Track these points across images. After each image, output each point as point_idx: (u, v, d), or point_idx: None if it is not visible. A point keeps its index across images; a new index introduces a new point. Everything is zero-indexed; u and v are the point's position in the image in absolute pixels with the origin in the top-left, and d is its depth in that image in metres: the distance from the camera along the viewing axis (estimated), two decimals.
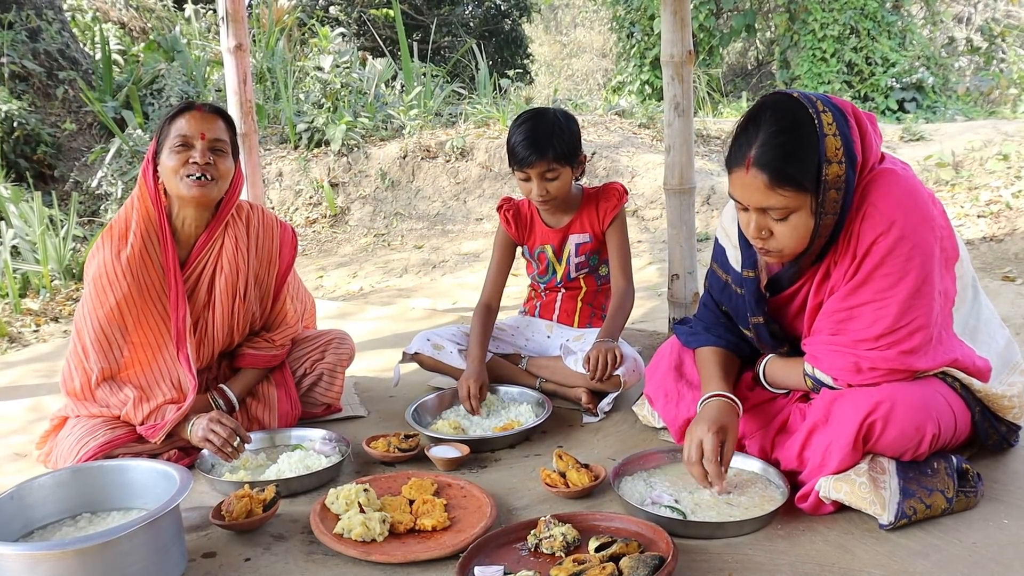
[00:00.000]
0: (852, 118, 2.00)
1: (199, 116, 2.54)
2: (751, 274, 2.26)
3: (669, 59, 3.56)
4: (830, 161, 1.93)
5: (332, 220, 7.94)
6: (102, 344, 2.56)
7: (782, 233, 2.01)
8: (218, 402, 2.74)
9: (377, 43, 12.72)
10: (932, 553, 1.87)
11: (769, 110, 1.99)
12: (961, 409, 2.10)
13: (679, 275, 3.70)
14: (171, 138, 2.53)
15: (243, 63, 4.29)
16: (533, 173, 2.94)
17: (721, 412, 2.18)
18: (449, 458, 2.51)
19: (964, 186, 6.92)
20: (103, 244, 2.59)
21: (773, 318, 2.29)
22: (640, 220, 7.33)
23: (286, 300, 2.90)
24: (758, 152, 1.94)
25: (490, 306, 3.15)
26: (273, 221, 2.86)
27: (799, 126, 1.94)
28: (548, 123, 2.95)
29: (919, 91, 11.66)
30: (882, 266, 1.98)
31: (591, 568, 1.77)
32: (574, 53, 19.93)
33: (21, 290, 5.77)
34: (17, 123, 7.92)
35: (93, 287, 2.56)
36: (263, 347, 2.83)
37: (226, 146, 2.59)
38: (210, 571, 1.99)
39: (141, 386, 2.59)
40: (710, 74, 12.21)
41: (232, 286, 2.70)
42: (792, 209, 1.96)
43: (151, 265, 2.58)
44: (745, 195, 2.00)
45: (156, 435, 2.53)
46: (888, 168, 2.04)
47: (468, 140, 8.33)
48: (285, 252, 2.85)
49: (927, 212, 2.00)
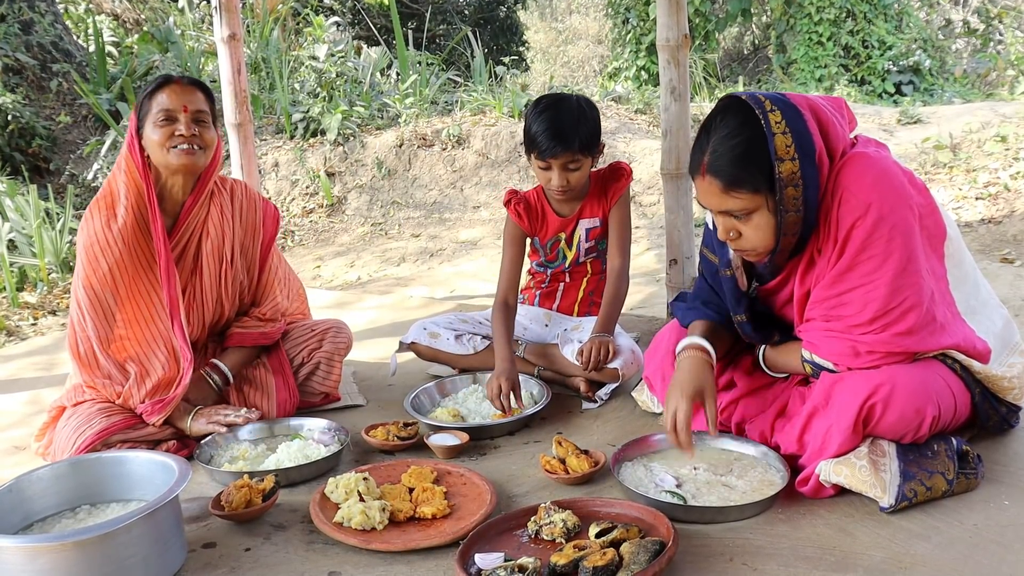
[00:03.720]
0: (808, 112, 2.00)
1: (179, 89, 2.58)
2: (728, 272, 2.28)
3: (665, 43, 3.54)
4: (782, 159, 1.94)
5: (329, 210, 7.92)
6: (96, 311, 2.60)
7: (748, 233, 2.04)
8: (212, 377, 2.77)
9: (372, 32, 12.68)
10: (933, 535, 1.87)
11: (719, 115, 2.03)
12: (961, 391, 2.09)
13: (677, 260, 3.69)
14: (154, 113, 2.57)
15: (237, 53, 4.27)
16: (556, 164, 2.86)
17: (695, 372, 2.20)
18: (448, 446, 2.50)
19: (962, 168, 6.90)
20: (92, 216, 2.64)
21: (764, 307, 2.30)
22: (638, 206, 7.32)
23: (272, 272, 2.94)
24: (710, 159, 1.99)
25: (507, 303, 3.05)
26: (256, 195, 2.93)
27: (747, 128, 1.96)
28: (572, 111, 2.85)
29: (916, 74, 11.64)
30: (864, 250, 1.98)
31: (592, 554, 1.76)
32: (570, 40, 19.86)
33: (18, 284, 5.76)
34: (11, 116, 7.89)
35: (85, 256, 2.61)
36: (250, 325, 2.86)
37: (207, 116, 2.63)
38: (210, 561, 1.98)
39: (139, 359, 2.62)
40: (706, 59, 12.17)
41: (218, 251, 2.76)
42: (751, 209, 1.99)
43: (140, 234, 2.63)
44: (706, 200, 2.05)
45: (158, 414, 2.56)
46: (860, 152, 2.03)
47: (464, 128, 8.30)
48: (268, 223, 2.92)
49: (903, 191, 2.00)
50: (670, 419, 2.16)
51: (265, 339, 2.89)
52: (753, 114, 1.97)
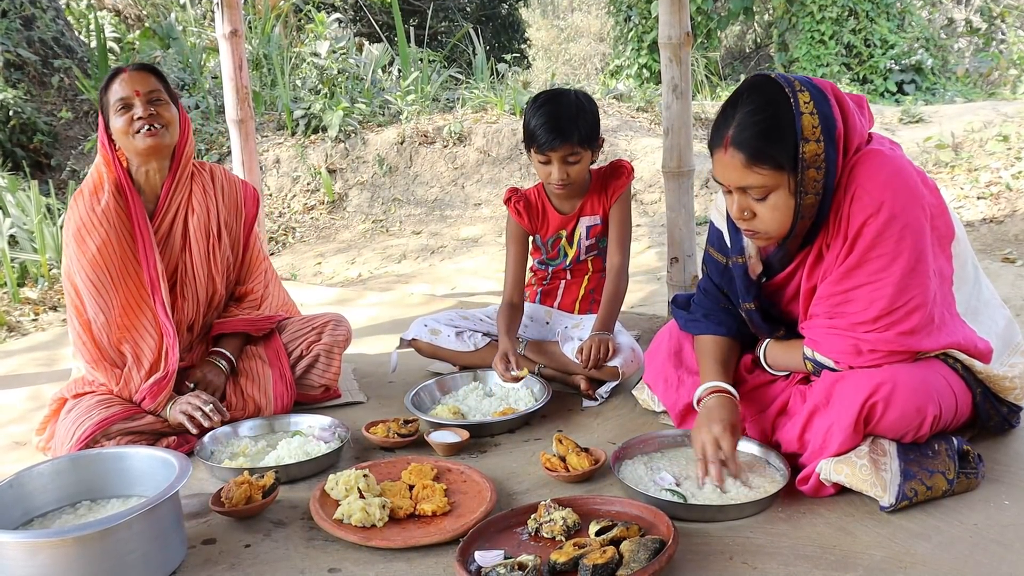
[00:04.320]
0: (833, 98, 2.00)
1: (128, 77, 2.67)
2: (740, 260, 2.26)
3: (667, 41, 3.53)
4: (807, 139, 1.93)
5: (330, 206, 7.91)
6: (92, 294, 2.64)
7: (764, 214, 2.02)
8: (220, 363, 2.83)
9: (374, 28, 12.66)
10: (933, 535, 1.87)
11: (747, 92, 2.01)
12: (962, 390, 2.09)
13: (678, 258, 3.69)
14: (112, 104, 2.66)
15: (238, 49, 4.27)
16: (555, 157, 2.87)
17: (730, 411, 2.19)
18: (449, 443, 2.50)
19: (964, 168, 6.89)
20: (76, 203, 2.71)
21: (769, 302, 2.28)
22: (639, 204, 7.31)
23: (256, 249, 3.02)
24: (735, 132, 1.97)
25: (513, 303, 3.07)
26: (235, 177, 3.03)
27: (775, 105, 1.96)
28: (570, 105, 2.88)
29: (918, 73, 11.61)
30: (874, 248, 1.97)
31: (592, 552, 1.76)
32: (571, 37, 19.83)
33: (19, 279, 5.76)
34: (13, 112, 7.89)
35: (73, 240, 2.67)
36: (233, 312, 2.93)
37: (162, 95, 2.69)
38: (210, 558, 1.98)
39: (132, 341, 2.68)
40: (708, 57, 12.15)
41: (205, 226, 2.83)
42: (771, 188, 1.98)
43: (124, 216, 2.70)
44: (725, 175, 2.02)
45: (158, 396, 2.61)
46: (875, 149, 2.03)
47: (466, 125, 8.29)
48: (250, 204, 3.00)
49: (916, 191, 1.99)
50: (711, 447, 2.12)
51: (250, 326, 2.91)
52: (782, 93, 1.96)
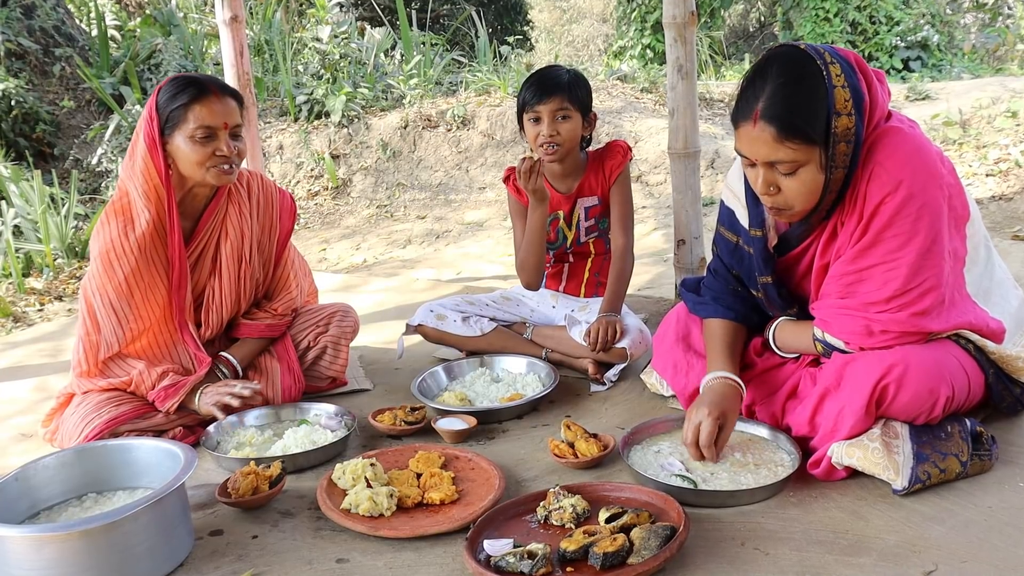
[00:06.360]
0: (859, 70, 1.96)
1: (218, 103, 2.49)
2: (759, 232, 2.22)
3: (671, 20, 3.49)
4: (839, 113, 1.89)
5: (334, 192, 7.90)
6: (110, 319, 2.57)
7: (791, 189, 1.97)
8: (223, 371, 2.75)
9: (375, 12, 12.58)
10: (947, 518, 1.85)
11: (776, 63, 1.95)
12: (975, 371, 2.06)
13: (685, 240, 3.66)
14: (191, 127, 2.47)
15: (239, 35, 4.23)
16: (545, 111, 2.89)
17: (724, 396, 2.15)
18: (456, 430, 2.49)
19: (972, 145, 6.83)
20: (108, 221, 2.59)
21: (781, 280, 2.25)
22: (644, 185, 7.27)
23: (287, 265, 2.92)
24: (765, 104, 1.90)
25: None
26: (272, 188, 2.88)
27: (807, 78, 1.90)
28: (560, 70, 3.00)
29: (924, 49, 11.53)
30: (890, 227, 1.94)
31: (602, 539, 1.75)
32: (574, 19, 19.73)
33: (24, 269, 5.76)
34: (15, 101, 7.87)
35: (100, 263, 2.56)
36: (260, 316, 2.85)
37: (240, 128, 2.57)
38: (217, 549, 1.97)
39: (149, 359, 2.62)
40: (712, 36, 12.08)
41: (237, 252, 2.73)
42: (801, 163, 1.92)
43: (158, 241, 2.59)
44: (753, 149, 1.96)
45: (170, 399, 2.55)
46: (895, 126, 1.99)
47: (469, 108, 8.25)
48: (285, 218, 2.88)
49: (935, 170, 1.96)
50: (691, 433, 2.10)
51: (271, 331, 2.86)
52: (813, 64, 1.91)
